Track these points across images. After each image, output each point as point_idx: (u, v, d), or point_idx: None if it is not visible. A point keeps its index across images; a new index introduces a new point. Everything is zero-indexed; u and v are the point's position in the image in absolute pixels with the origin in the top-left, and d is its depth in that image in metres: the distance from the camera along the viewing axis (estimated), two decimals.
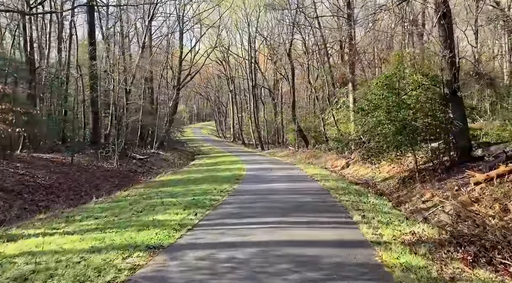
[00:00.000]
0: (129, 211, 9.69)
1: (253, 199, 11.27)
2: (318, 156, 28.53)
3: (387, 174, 16.28)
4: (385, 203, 10.84)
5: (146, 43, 32.19)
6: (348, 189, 12.94)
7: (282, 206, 9.96)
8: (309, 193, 12.26)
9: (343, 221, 8.18)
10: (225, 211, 9.44)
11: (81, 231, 7.73)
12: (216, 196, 11.69)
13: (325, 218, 8.42)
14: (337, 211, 9.32)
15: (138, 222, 8.30)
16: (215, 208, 9.75)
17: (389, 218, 8.42)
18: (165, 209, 9.78)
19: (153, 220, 8.40)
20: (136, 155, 24.30)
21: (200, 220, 8.34)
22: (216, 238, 6.89)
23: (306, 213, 9.00)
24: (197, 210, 9.44)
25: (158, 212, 9.42)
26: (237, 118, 57.73)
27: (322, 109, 34.41)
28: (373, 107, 13.59)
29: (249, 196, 11.90)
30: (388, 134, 13.22)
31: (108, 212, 9.76)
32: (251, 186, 14.35)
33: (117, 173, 18.57)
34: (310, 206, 9.99)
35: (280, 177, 16.94)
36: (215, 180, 16.20)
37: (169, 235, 7.01)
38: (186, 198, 11.49)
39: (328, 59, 33.86)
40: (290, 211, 9.26)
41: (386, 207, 10.03)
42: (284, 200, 10.92)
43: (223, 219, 8.48)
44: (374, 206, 10.07)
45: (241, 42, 51.74)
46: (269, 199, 11.14)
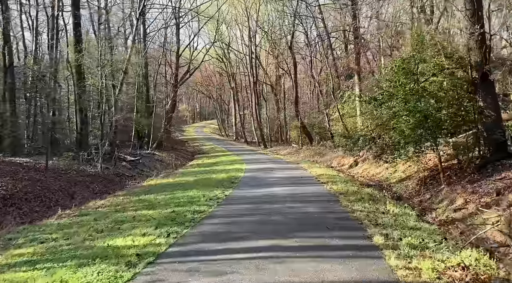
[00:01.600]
0: (87, 231, 7.57)
1: (246, 210, 9.12)
2: (323, 154, 26.35)
3: (403, 174, 14.05)
4: (407, 212, 8.65)
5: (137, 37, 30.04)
6: (360, 194, 10.75)
7: (280, 220, 7.80)
8: (314, 200, 10.09)
9: (361, 244, 6.00)
10: (207, 229, 7.29)
11: (7, 265, 5.64)
12: (202, 206, 9.56)
13: (337, 240, 6.23)
14: (351, 227, 7.13)
15: (87, 249, 6.19)
16: (196, 225, 7.61)
17: (421, 238, 6.23)
18: (133, 227, 7.66)
19: (107, 246, 6.28)
20: (126, 157, 22.20)
21: (170, 246, 6.21)
22: (181, 280, 4.76)
23: (311, 232, 6.82)
24: (172, 228, 7.31)
25: (122, 232, 7.30)
26: (239, 116, 55.57)
27: (326, 104, 32.18)
28: (387, 97, 11.37)
29: (242, 205, 9.75)
30: (405, 127, 11.00)
31: (62, 233, 7.65)
32: (247, 191, 12.20)
33: (100, 178, 16.48)
34: (316, 220, 7.82)
35: (281, 179, 14.77)
36: (207, 184, 14.08)
37: (115, 275, 4.88)
38: (166, 209, 9.37)
39: (331, 51, 31.59)
40: (289, 228, 7.09)
41: (411, 219, 7.84)
42: (284, 211, 8.75)
43: (201, 243, 6.33)
44: (396, 218, 7.88)
45: (242, 37, 49.49)
46: (266, 210, 8.98)
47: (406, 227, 7.09)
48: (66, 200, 12.63)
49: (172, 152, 34.23)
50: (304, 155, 28.42)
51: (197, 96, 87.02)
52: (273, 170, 18.17)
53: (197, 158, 32.69)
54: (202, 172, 19.71)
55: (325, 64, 35.96)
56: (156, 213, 8.98)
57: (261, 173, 17.27)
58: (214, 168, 21.49)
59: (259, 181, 14.73)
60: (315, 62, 37.27)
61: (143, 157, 24.80)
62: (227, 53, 52.62)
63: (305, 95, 47.88)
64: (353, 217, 7.86)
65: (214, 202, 10.23)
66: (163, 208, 9.63)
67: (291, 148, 35.48)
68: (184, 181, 15.75)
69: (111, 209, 10.29)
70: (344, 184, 12.67)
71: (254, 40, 44.49)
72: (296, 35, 39.27)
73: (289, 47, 35.10)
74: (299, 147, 33.79)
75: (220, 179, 15.78)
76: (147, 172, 20.60)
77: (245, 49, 48.46)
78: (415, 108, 10.67)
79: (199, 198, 10.90)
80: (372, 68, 23.26)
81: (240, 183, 14.26)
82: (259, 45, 46.86)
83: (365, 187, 12.74)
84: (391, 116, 11.43)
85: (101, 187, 15.34)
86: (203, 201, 10.32)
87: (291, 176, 15.70)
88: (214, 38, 43.84)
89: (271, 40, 41.52)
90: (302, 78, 46.88)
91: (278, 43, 41.39)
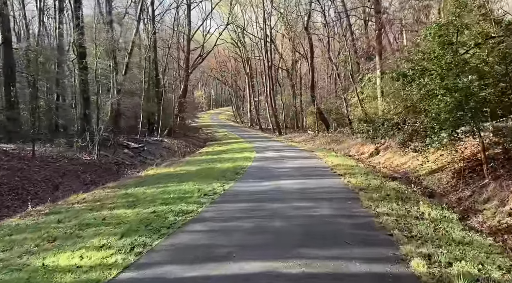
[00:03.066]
0: (38, 238, 5.92)
1: (242, 211, 7.28)
2: (340, 141, 24.22)
3: (433, 164, 11.91)
4: (447, 215, 6.69)
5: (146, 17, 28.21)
6: (384, 189, 8.79)
7: (283, 228, 5.95)
8: (328, 198, 8.17)
9: (394, 273, 4.10)
10: (185, 240, 5.51)
11: None
12: (192, 204, 7.79)
13: (358, 264, 4.34)
14: (377, 241, 5.22)
15: (13, 271, 4.50)
16: (172, 234, 5.84)
17: (478, 262, 4.30)
18: (96, 233, 5.96)
19: (42, 267, 4.57)
20: (130, 144, 20.66)
21: (125, 269, 4.44)
22: None
23: (322, 249, 4.95)
24: (141, 238, 5.57)
25: (78, 241, 5.60)
26: (254, 103, 53.56)
27: (344, 89, 29.87)
28: (419, 73, 9.24)
29: (239, 204, 7.93)
30: (442, 109, 8.90)
31: (6, 241, 6.02)
32: (250, 184, 10.37)
33: (95, 167, 14.94)
34: (329, 227, 5.93)
35: (292, 170, 12.87)
36: (208, 175, 12.33)
37: None
38: (148, 208, 7.65)
39: (351, 31, 29.12)
40: (293, 242, 5.24)
41: (455, 227, 5.90)
42: (289, 213, 6.89)
43: (167, 265, 4.54)
44: (436, 226, 5.95)
45: (256, 20, 47.10)
46: (266, 211, 7.14)
47: (451, 241, 5.16)
48: (48, 193, 11.11)
49: (183, 138, 32.68)
50: (320, 142, 26.36)
51: (213, 83, 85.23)
52: (284, 159, 16.26)
53: (208, 145, 31.06)
54: (209, 160, 17.99)
55: (343, 47, 33.52)
56: (134, 213, 7.25)
57: (271, 162, 15.41)
58: (222, 156, 19.76)
59: (267, 171, 12.88)
60: (332, 45, 34.81)
61: (149, 144, 23.24)
62: (242, 37, 50.44)
63: (322, 80, 45.40)
64: (379, 225, 5.95)
65: (208, 198, 8.44)
66: (145, 206, 7.91)
67: (306, 135, 33.42)
68: (185, 171, 14.04)
69: (88, 205, 8.64)
70: (365, 177, 10.70)
71: (269, 22, 42.14)
72: (313, 17, 36.81)
73: (305, 28, 32.71)
74: (315, 133, 31.72)
75: (224, 168, 14.01)
76: (150, 160, 19.00)
77: (260, 32, 46.23)
78: (454, 86, 8.56)
79: (193, 193, 9.14)
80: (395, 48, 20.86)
81: (245, 174, 12.44)
82: (274, 28, 44.49)
83: (389, 180, 10.74)
84: (423, 96, 9.32)
85: (94, 177, 13.80)
86: (195, 198, 8.56)
87: (304, 166, 13.79)
88: (227, 20, 41.56)
89: (286, 22, 39.09)
90: (319, 63, 44.43)
91: (294, 25, 38.97)
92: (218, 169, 13.98)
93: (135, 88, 29.23)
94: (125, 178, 13.72)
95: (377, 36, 23.01)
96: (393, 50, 20.20)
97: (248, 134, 39.67)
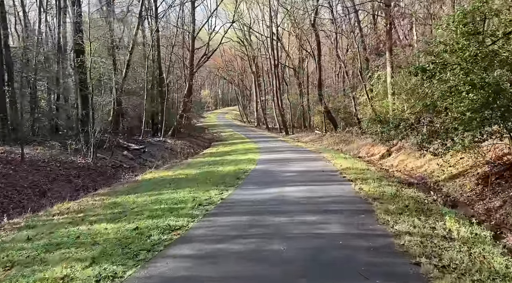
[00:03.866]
0: None
1: (238, 228, 6.24)
2: (349, 141, 23.10)
3: (453, 168, 10.75)
4: (478, 232, 5.60)
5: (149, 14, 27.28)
6: (401, 199, 7.71)
7: (285, 251, 4.90)
8: (337, 209, 7.11)
9: None
10: (163, 271, 4.47)
11: None
12: (182, 218, 6.78)
13: None
14: (400, 274, 4.15)
15: None
16: (151, 260, 4.82)
17: None
18: (62, 259, 4.97)
19: None
20: (131, 145, 19.75)
21: None
22: None
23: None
24: (112, 266, 4.56)
25: (36, 271, 4.61)
26: (261, 102, 52.51)
27: (352, 87, 28.71)
28: (440, 66, 8.11)
29: (235, 218, 6.89)
30: (467, 108, 7.78)
31: None
32: (250, 192, 9.34)
33: (90, 170, 14.03)
34: (340, 252, 4.87)
35: (298, 174, 11.82)
36: (207, 180, 11.34)
37: None
38: (132, 223, 6.66)
39: (359, 27, 27.92)
40: (297, 271, 4.21)
41: (494, 251, 4.81)
42: (293, 231, 5.85)
43: None
44: (469, 249, 4.87)
45: (263, 18, 46.00)
46: (267, 227, 6.11)
47: (494, 274, 4.08)
48: (33, 201, 10.22)
49: (187, 139, 31.79)
50: (327, 142, 25.24)
51: (219, 82, 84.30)
52: (290, 162, 15.21)
53: (213, 146, 30.12)
54: (211, 162, 17.01)
55: (351, 43, 32.33)
56: (114, 230, 6.27)
57: (275, 165, 14.37)
58: (225, 157, 18.76)
59: (270, 176, 11.84)
60: (340, 42, 33.59)
61: (151, 145, 22.33)
62: (248, 35, 49.43)
63: (329, 79, 44.15)
64: (401, 248, 4.88)
65: (202, 210, 7.44)
66: (130, 219, 6.93)
67: (314, 134, 32.31)
68: (184, 175, 13.06)
69: (69, 218, 7.68)
70: (378, 183, 9.61)
71: (276, 19, 41.04)
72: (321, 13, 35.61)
73: (312, 25, 31.54)
74: (323, 133, 30.59)
75: (225, 172, 13.01)
76: (151, 162, 18.05)
77: (266, 31, 45.17)
78: (481, 82, 7.44)
79: (187, 202, 8.14)
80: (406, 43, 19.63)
81: (246, 178, 11.42)
82: (280, 25, 43.35)
83: (405, 186, 9.64)
84: (445, 93, 8.20)
85: (88, 182, 12.89)
86: (188, 209, 7.56)
87: (310, 170, 12.72)
88: (233, 17, 40.46)
89: (293, 19, 37.93)
90: (326, 61, 43.22)
91: (301, 22, 37.79)
92: (219, 173, 12.98)
93: (139, 88, 28.36)
94: (120, 183, 12.77)
95: (387, 31, 21.77)
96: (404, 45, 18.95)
97: (254, 134, 38.65)
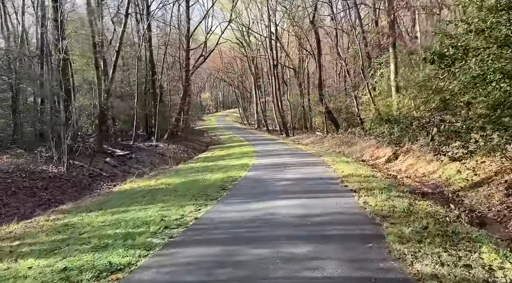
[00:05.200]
0: None
1: (204, 267, 4.59)
2: (351, 143, 21.42)
3: (473, 174, 9.07)
4: None
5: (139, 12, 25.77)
6: (417, 216, 6.06)
7: None
8: (337, 234, 5.46)
9: None
10: None
11: None
12: (135, 249, 5.16)
13: None
14: None
15: None
16: None
17: None
18: None
19: None
20: (116, 151, 18.18)
21: None
22: None
23: None
24: None
25: None
26: (261, 103, 50.90)
27: (354, 86, 27.07)
28: (462, 51, 6.46)
29: (204, 249, 5.24)
30: (497, 101, 6.13)
31: None
32: (234, 208, 7.70)
33: (62, 181, 12.44)
34: None
35: (293, 183, 10.17)
36: (189, 191, 9.73)
37: None
38: (64, 259, 5.05)
39: (360, 22, 26.28)
40: None
41: None
42: (274, 271, 4.20)
43: None
44: None
45: (261, 17, 44.42)
46: (242, 265, 4.47)
47: None
48: None
49: (183, 143, 30.20)
50: (329, 144, 23.56)
51: (220, 85, 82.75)
52: (286, 167, 13.55)
53: (210, 149, 28.50)
54: (201, 169, 15.41)
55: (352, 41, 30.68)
56: (38, 270, 4.67)
57: (270, 172, 12.73)
58: (218, 163, 17.15)
59: (261, 185, 10.19)
60: (341, 41, 31.99)
61: (141, 150, 20.74)
62: (247, 35, 47.89)
63: (330, 78, 42.50)
64: None
65: (165, 236, 5.81)
66: (68, 252, 5.33)
67: (315, 136, 30.62)
68: (165, 185, 11.44)
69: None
70: (386, 194, 7.94)
71: (274, 17, 39.45)
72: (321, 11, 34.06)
73: (311, 22, 29.93)
74: (324, 134, 28.93)
75: (212, 181, 11.39)
76: (136, 169, 16.47)
77: (265, 31, 43.58)
78: None
79: (151, 224, 6.52)
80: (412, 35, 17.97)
81: (233, 189, 9.79)
82: (279, 25, 41.75)
83: (418, 197, 7.98)
84: (467, 85, 6.54)
85: (56, 194, 11.31)
86: (148, 234, 5.94)
87: (308, 177, 11.06)
88: (230, 16, 38.85)
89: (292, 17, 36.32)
90: (327, 61, 41.61)
91: (300, 21, 36.19)
92: (205, 182, 11.36)
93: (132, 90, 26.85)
94: (91, 196, 11.17)
95: (390, 26, 20.15)
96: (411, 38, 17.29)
97: (253, 137, 37.01)
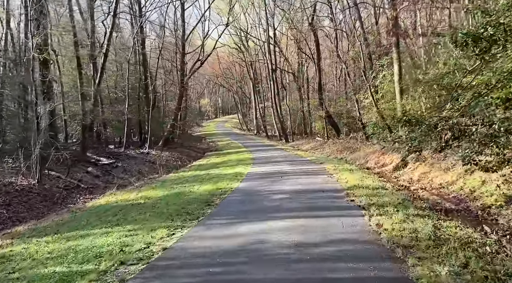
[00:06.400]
0: None
1: None
2: (353, 148, 19.89)
3: (504, 187, 7.52)
4: None
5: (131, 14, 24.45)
6: (449, 247, 4.52)
7: None
8: (345, 278, 3.93)
9: None
10: None
11: None
12: None
13: None
14: None
15: None
16: None
17: None
18: None
19: None
20: (100, 159, 16.68)
21: None
22: None
23: None
24: None
25: None
26: (260, 109, 49.49)
27: (355, 89, 25.62)
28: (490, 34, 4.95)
29: None
30: None
31: None
32: (215, 232, 6.17)
33: (31, 195, 10.93)
34: None
35: (291, 197, 8.63)
36: (167, 208, 8.21)
37: None
38: None
39: (361, 22, 24.92)
40: None
41: None
42: None
43: None
44: None
45: (259, 21, 43.13)
46: None
47: None
48: None
49: (179, 150, 28.71)
50: (330, 150, 22.04)
51: (219, 91, 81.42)
52: (284, 176, 12.01)
53: (206, 156, 26.99)
54: (190, 179, 13.91)
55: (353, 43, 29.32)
56: None
57: (265, 182, 11.20)
58: (211, 171, 15.63)
59: (254, 200, 8.66)
60: (341, 44, 30.61)
61: (130, 158, 19.23)
62: (246, 40, 46.61)
63: (330, 83, 41.07)
64: None
65: (115, 280, 4.29)
66: None
67: (315, 141, 29.11)
68: (144, 200, 9.91)
69: None
70: (402, 212, 6.40)
71: (273, 20, 38.14)
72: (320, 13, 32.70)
73: (310, 23, 28.56)
74: (324, 140, 27.43)
75: (197, 194, 9.87)
76: (122, 179, 14.96)
77: (263, 35, 42.28)
78: None
79: (102, 259, 5.00)
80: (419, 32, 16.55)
81: (219, 205, 8.26)
82: (278, 29, 40.50)
83: (442, 216, 6.44)
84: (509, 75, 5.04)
85: (21, 211, 9.80)
86: (94, 276, 4.42)
87: (308, 189, 9.53)
88: (227, 20, 37.50)
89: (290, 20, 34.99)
90: (327, 65, 40.23)
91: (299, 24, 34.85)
92: (190, 195, 9.84)
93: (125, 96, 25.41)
94: (58, 213, 9.65)
95: (393, 24, 18.74)
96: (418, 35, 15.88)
97: (251, 143, 35.50)
